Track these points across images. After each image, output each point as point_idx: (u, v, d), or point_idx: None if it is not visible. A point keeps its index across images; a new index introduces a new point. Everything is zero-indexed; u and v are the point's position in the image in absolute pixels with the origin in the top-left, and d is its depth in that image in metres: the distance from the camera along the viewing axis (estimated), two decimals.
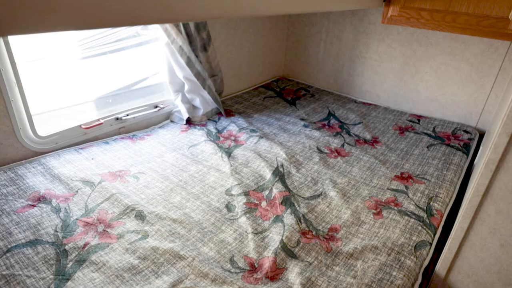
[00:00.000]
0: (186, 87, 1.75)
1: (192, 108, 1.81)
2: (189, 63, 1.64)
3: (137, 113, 1.69)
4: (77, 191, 1.21)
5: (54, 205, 1.13)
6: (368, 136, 1.72)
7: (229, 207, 1.19)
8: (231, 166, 1.41)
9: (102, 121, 1.56)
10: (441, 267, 1.02)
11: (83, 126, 1.50)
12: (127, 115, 1.65)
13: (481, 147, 1.59)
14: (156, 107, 1.77)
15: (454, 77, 1.87)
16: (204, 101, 1.81)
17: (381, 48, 2.06)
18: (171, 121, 1.79)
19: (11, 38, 1.23)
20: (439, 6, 1.31)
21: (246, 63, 2.21)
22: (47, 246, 0.98)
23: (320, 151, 1.56)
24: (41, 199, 1.15)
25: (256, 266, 0.98)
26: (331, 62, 2.30)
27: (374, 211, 1.20)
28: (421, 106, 2.03)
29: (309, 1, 0.98)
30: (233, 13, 0.75)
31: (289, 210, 1.18)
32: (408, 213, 1.19)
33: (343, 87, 2.30)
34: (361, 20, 2.08)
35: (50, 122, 1.44)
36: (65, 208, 1.13)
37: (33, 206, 1.12)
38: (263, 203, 1.22)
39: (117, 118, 1.62)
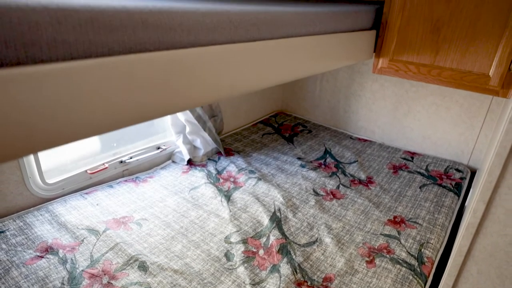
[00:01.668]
0: (188, 129, 1.83)
1: (193, 148, 1.88)
2: None
3: (141, 155, 1.76)
4: (82, 240, 1.26)
5: (61, 256, 1.19)
6: (362, 176, 1.78)
7: (228, 256, 1.25)
8: (230, 211, 1.46)
9: (107, 165, 1.62)
10: None
11: (88, 171, 1.57)
12: (131, 158, 1.72)
13: (471, 189, 1.65)
14: (159, 148, 1.85)
15: (445, 116, 1.95)
16: (204, 142, 1.88)
17: (374, 87, 2.14)
18: (173, 162, 1.86)
19: None
20: (425, 61, 1.39)
21: (246, 101, 2.30)
22: None
23: (316, 193, 1.62)
24: (48, 249, 1.21)
25: None
26: (327, 98, 2.39)
27: (367, 258, 1.25)
28: (415, 143, 2.10)
29: (301, 68, 1.06)
30: (230, 94, 0.83)
31: (285, 259, 1.23)
32: (400, 261, 1.24)
33: (339, 123, 2.38)
34: None
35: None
36: (72, 259, 1.18)
37: (41, 257, 1.17)
38: (261, 252, 1.27)
39: (121, 161, 1.69)
